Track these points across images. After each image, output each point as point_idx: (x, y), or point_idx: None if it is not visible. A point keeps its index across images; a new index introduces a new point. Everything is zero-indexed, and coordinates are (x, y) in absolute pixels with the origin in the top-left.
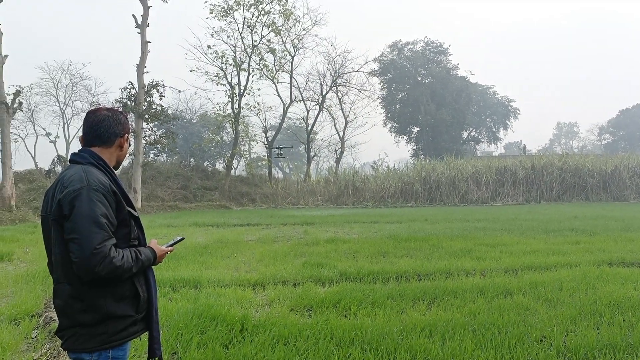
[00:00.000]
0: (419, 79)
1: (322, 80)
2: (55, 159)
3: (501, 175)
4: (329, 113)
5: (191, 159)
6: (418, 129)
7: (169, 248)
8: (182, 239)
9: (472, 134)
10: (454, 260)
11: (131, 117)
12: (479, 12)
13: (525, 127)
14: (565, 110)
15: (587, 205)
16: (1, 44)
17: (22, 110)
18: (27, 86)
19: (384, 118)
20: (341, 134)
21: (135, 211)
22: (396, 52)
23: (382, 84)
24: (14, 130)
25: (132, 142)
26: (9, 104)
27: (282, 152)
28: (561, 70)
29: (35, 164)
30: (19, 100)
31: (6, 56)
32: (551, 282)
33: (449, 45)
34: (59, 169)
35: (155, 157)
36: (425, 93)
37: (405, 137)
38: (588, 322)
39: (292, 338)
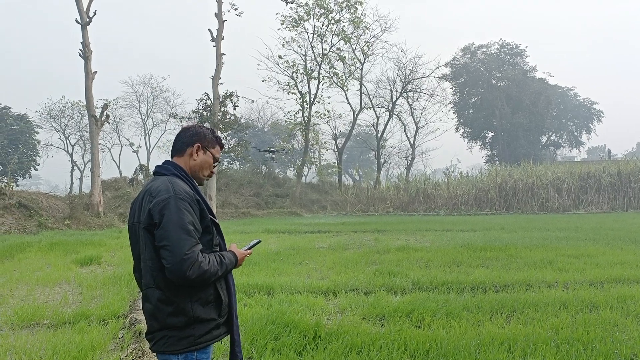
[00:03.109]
0: (494, 82)
1: (392, 86)
2: (138, 167)
3: (584, 182)
4: (399, 119)
5: (263, 167)
6: (493, 134)
7: (248, 251)
8: (259, 241)
9: (551, 138)
10: (533, 272)
11: (207, 126)
12: (557, 11)
13: (610, 131)
14: None
15: None
16: (91, 62)
17: (109, 123)
18: (114, 100)
19: (456, 123)
20: (412, 140)
21: (216, 219)
22: (469, 56)
23: (454, 88)
24: (101, 141)
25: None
26: (98, 117)
27: (273, 156)
28: None
29: (120, 173)
30: (106, 113)
31: (95, 72)
32: None
33: (526, 47)
34: (140, 177)
35: (229, 165)
36: (500, 97)
37: (479, 143)
38: None
39: (365, 347)
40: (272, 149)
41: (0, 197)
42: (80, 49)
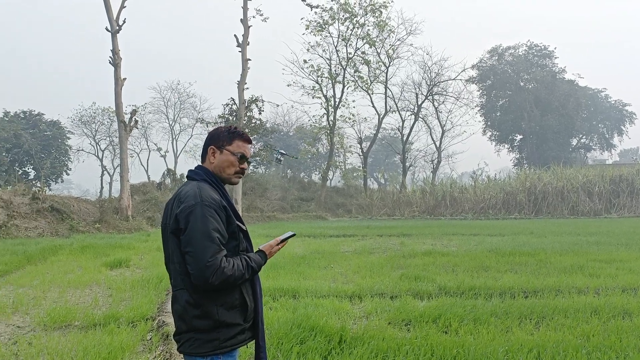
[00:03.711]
0: (522, 84)
1: (418, 89)
2: (165, 172)
3: (616, 185)
4: (425, 122)
5: (288, 171)
6: (521, 136)
7: (279, 246)
8: (293, 234)
9: (582, 141)
10: (564, 277)
11: None
12: (588, 13)
13: None
14: None
15: None
16: (121, 68)
17: (137, 128)
18: (142, 105)
19: (484, 126)
20: (438, 143)
21: (244, 224)
22: (496, 58)
23: (480, 91)
24: (130, 146)
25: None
26: (127, 123)
27: (281, 158)
28: None
29: (148, 177)
30: (134, 118)
31: (124, 79)
32: None
33: (555, 48)
34: (168, 181)
35: (255, 169)
36: (529, 99)
37: (507, 146)
38: None
39: (391, 353)
40: (281, 152)
41: (34, 201)
42: (110, 57)
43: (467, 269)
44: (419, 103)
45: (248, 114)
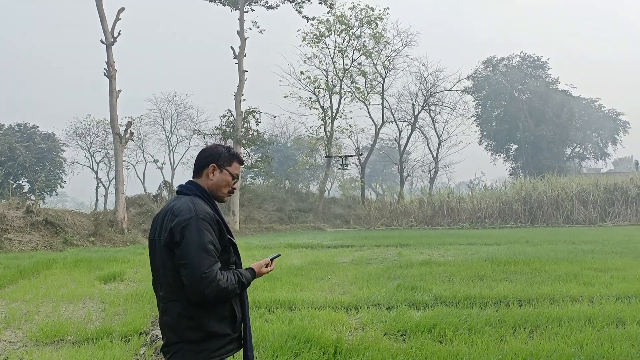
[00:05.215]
0: (516, 94)
1: (414, 100)
2: (162, 184)
3: (610, 194)
4: (422, 133)
5: (286, 182)
6: (516, 146)
7: (269, 268)
8: (279, 255)
9: (576, 150)
10: (558, 286)
11: (229, 143)
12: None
13: (638, 142)
14: None
15: None
16: (115, 80)
17: (133, 140)
18: (138, 117)
19: (480, 136)
20: (435, 153)
21: (234, 238)
22: (490, 69)
23: (476, 101)
24: (125, 158)
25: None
26: (122, 135)
27: (347, 162)
28: None
29: (144, 189)
30: (130, 130)
31: (119, 91)
32: None
33: (548, 59)
34: (165, 193)
35: (252, 181)
36: (523, 109)
37: (502, 155)
38: None
39: None
40: (344, 156)
41: (28, 214)
42: (105, 68)
43: (463, 279)
44: (416, 113)
45: (245, 125)
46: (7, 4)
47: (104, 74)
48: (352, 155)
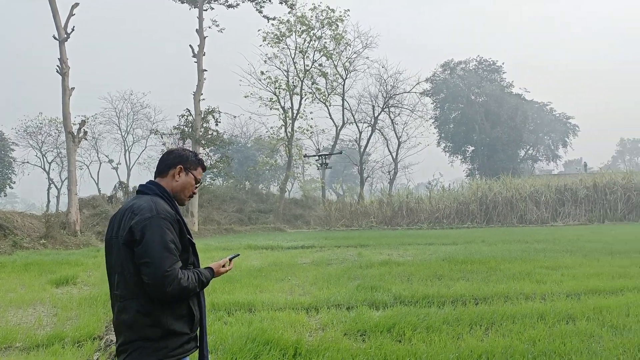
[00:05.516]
0: (473, 97)
1: (374, 101)
2: (117, 184)
3: (561, 195)
4: (382, 134)
5: (246, 183)
6: (473, 148)
7: (227, 268)
8: (238, 255)
9: (529, 152)
10: (512, 284)
11: (188, 142)
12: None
13: (586, 145)
14: (629, 125)
15: None
16: (68, 78)
17: (86, 139)
18: (92, 116)
19: (438, 138)
20: (394, 154)
21: (193, 238)
22: (448, 72)
23: (434, 103)
24: (79, 158)
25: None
26: (75, 134)
27: (327, 161)
28: (623, 86)
29: (99, 190)
30: (84, 129)
31: (72, 88)
32: (617, 307)
33: (502, 64)
34: (120, 194)
35: (212, 182)
36: (480, 112)
37: (459, 157)
38: None
39: None
40: (324, 155)
41: None
42: (57, 65)
43: (422, 278)
44: (376, 115)
45: (204, 125)
46: None
47: (57, 71)
48: (333, 154)
